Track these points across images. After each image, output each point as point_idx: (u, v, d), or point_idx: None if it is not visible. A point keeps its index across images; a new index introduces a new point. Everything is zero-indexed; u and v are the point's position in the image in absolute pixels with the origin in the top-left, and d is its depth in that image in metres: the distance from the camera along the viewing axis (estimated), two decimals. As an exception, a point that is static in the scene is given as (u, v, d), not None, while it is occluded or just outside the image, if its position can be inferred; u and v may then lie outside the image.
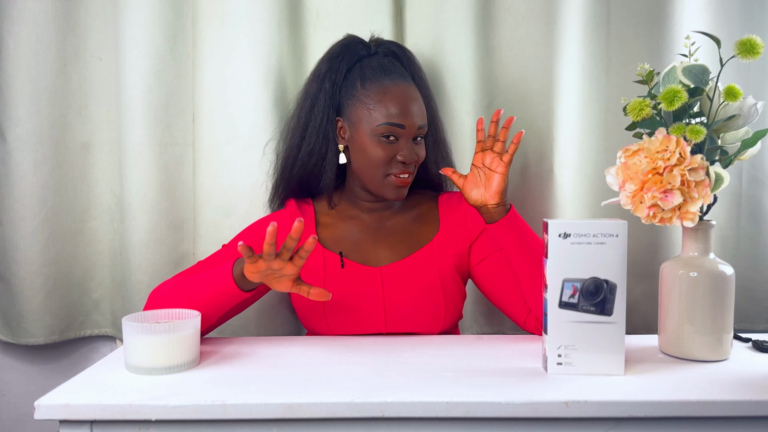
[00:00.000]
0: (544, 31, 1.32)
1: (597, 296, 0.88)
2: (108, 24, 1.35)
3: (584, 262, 0.89)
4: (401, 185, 1.14)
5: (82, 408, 0.80)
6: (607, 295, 0.88)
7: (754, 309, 1.37)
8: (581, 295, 0.89)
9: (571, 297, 0.89)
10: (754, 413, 0.80)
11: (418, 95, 1.15)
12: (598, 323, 0.89)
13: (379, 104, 1.11)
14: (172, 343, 0.91)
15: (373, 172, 1.13)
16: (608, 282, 0.88)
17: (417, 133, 1.14)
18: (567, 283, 0.89)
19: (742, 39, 0.92)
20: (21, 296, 1.35)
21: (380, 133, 1.11)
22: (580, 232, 0.89)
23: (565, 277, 0.89)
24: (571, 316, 0.89)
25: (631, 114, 0.96)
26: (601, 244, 0.88)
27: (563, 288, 0.89)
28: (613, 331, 0.89)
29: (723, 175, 0.92)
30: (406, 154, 1.12)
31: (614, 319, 0.88)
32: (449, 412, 0.80)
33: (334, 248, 1.17)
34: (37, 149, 1.33)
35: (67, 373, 1.40)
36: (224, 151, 1.34)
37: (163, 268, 1.35)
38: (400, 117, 1.11)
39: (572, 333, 0.89)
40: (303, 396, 0.81)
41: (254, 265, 0.93)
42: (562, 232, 0.89)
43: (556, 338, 0.90)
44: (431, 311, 1.13)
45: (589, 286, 0.89)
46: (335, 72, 1.16)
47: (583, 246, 0.89)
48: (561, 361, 0.90)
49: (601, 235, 0.88)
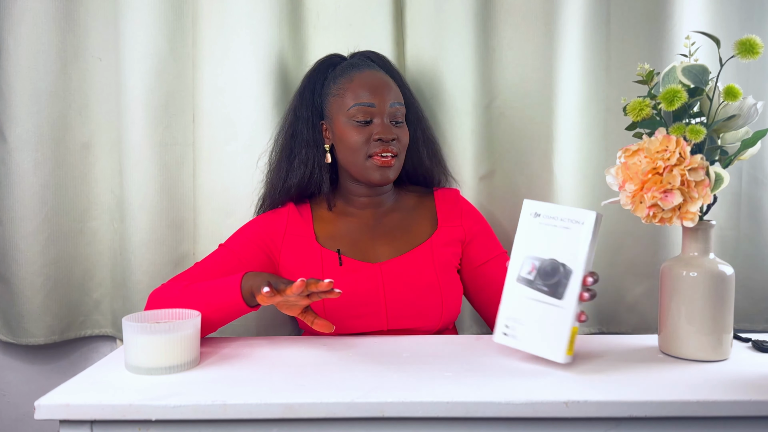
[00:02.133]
0: (544, 31, 1.32)
1: (552, 278, 0.90)
2: (108, 24, 1.35)
3: (548, 243, 0.92)
4: (383, 165, 1.14)
5: (82, 408, 0.80)
6: (562, 279, 0.89)
7: (754, 309, 1.37)
8: (538, 274, 0.91)
9: (528, 273, 0.92)
10: (754, 413, 0.80)
11: (388, 79, 1.18)
12: (547, 304, 0.90)
13: (348, 90, 1.15)
14: (172, 343, 0.91)
15: (354, 157, 1.15)
16: (565, 266, 0.90)
17: (390, 111, 1.15)
18: (527, 259, 0.92)
19: (741, 39, 0.92)
20: (21, 296, 1.36)
21: (353, 117, 1.14)
22: (550, 215, 0.93)
23: (528, 254, 0.92)
24: (524, 292, 0.92)
25: (631, 114, 0.96)
26: (566, 228, 0.91)
27: (523, 263, 0.93)
28: (560, 316, 0.89)
29: (723, 175, 0.92)
30: (381, 131, 1.13)
31: (564, 305, 0.89)
32: (449, 412, 0.80)
33: (331, 246, 1.17)
34: (37, 149, 1.33)
35: (67, 373, 1.41)
36: (224, 151, 1.34)
37: (163, 268, 1.35)
38: (370, 97, 1.14)
39: (522, 307, 0.92)
40: (303, 396, 0.81)
41: (271, 299, 0.94)
42: (534, 211, 0.94)
43: (507, 309, 0.93)
44: (432, 306, 1.13)
45: (546, 266, 0.91)
46: (314, 82, 1.21)
47: (549, 227, 0.92)
48: (507, 332, 0.93)
49: (568, 221, 0.91)
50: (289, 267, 1.17)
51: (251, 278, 0.99)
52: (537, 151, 1.35)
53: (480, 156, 1.36)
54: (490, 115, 1.36)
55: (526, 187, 1.37)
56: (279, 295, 0.93)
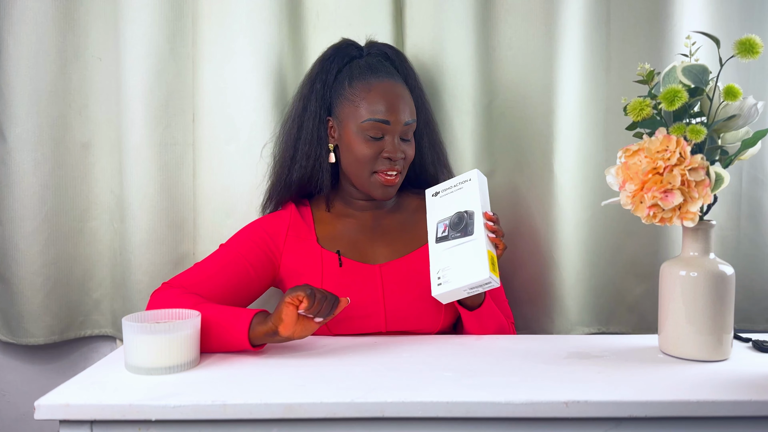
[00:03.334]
0: (544, 31, 1.32)
1: (460, 224, 1.07)
2: (108, 24, 1.35)
3: (450, 205, 1.10)
4: (387, 184, 1.14)
5: (82, 408, 0.80)
6: (468, 221, 1.06)
7: (754, 309, 1.37)
8: (449, 228, 1.08)
9: (443, 232, 1.08)
10: (754, 413, 0.80)
11: (405, 92, 1.15)
12: (463, 243, 1.05)
13: (364, 101, 1.12)
14: (172, 343, 0.91)
15: (359, 170, 1.14)
16: (467, 211, 1.07)
17: (403, 130, 1.13)
18: (439, 223, 1.10)
19: (741, 39, 0.92)
20: (21, 296, 1.35)
21: (365, 130, 1.12)
22: (444, 188, 1.13)
23: (438, 220, 1.10)
24: (444, 246, 1.07)
25: (631, 114, 0.96)
26: (459, 189, 1.10)
27: (437, 228, 1.09)
28: (475, 245, 1.03)
29: (723, 175, 0.92)
30: (391, 150, 1.12)
31: (475, 237, 1.04)
32: (449, 412, 0.80)
33: (331, 247, 1.17)
34: (37, 149, 1.33)
35: (67, 373, 1.41)
36: (224, 151, 1.34)
37: (163, 268, 1.35)
38: (385, 113, 1.11)
39: (446, 257, 1.05)
40: (303, 396, 0.81)
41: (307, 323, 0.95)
42: (433, 192, 1.15)
43: (436, 265, 1.06)
44: (432, 309, 1.13)
45: (454, 219, 1.08)
46: (326, 73, 1.18)
47: (447, 195, 1.12)
48: (440, 281, 1.04)
49: (460, 183, 1.11)
50: (289, 268, 1.17)
51: (260, 322, 0.96)
52: (537, 151, 1.35)
53: (480, 156, 1.36)
54: (490, 114, 1.36)
55: (526, 187, 1.37)
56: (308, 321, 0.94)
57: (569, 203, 1.34)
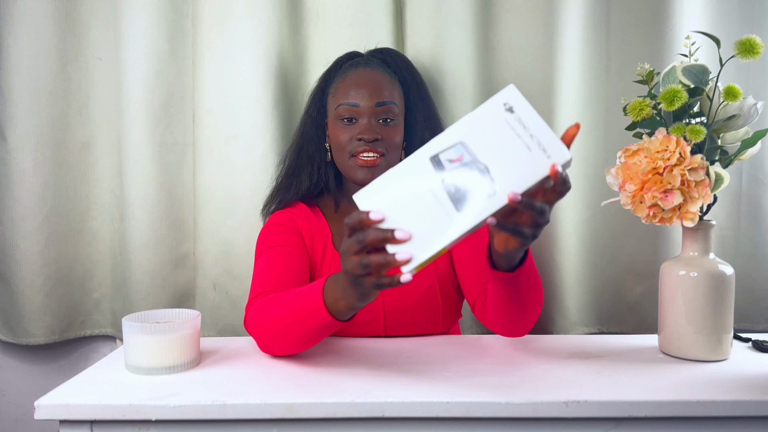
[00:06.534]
0: (544, 31, 1.32)
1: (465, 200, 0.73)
2: (108, 24, 1.35)
3: (496, 149, 0.75)
4: (363, 165, 1.12)
5: (82, 408, 0.80)
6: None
7: (754, 309, 1.37)
8: (455, 176, 0.74)
9: (449, 161, 0.75)
10: (754, 413, 0.80)
11: (383, 78, 1.15)
12: (438, 206, 0.73)
13: (339, 90, 1.15)
14: (172, 343, 0.91)
15: (340, 157, 1.15)
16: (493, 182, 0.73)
17: (377, 111, 1.13)
18: (461, 147, 0.75)
19: (741, 39, 0.92)
20: (21, 296, 1.36)
21: (339, 116, 1.14)
22: (523, 121, 0.74)
23: (464, 141, 0.75)
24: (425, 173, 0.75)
25: (631, 114, 0.96)
26: (528, 149, 0.73)
27: (454, 147, 0.75)
28: (452, 225, 0.72)
29: (723, 175, 0.92)
30: (363, 131, 1.12)
31: (461, 216, 0.73)
32: (449, 412, 0.80)
33: (339, 247, 1.16)
34: (37, 149, 1.33)
35: (67, 373, 1.41)
36: (224, 151, 1.34)
37: (163, 268, 1.35)
38: (355, 96, 1.13)
39: (404, 191, 0.74)
40: (303, 396, 0.81)
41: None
42: (511, 104, 0.75)
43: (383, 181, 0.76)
44: (430, 314, 1.13)
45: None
46: (325, 80, 1.22)
47: (511, 133, 0.74)
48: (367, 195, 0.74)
49: (538, 142, 0.74)
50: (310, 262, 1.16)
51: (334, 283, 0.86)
52: (537, 151, 1.35)
53: (480, 156, 1.36)
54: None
55: (526, 187, 1.37)
56: None
57: (569, 203, 1.34)
